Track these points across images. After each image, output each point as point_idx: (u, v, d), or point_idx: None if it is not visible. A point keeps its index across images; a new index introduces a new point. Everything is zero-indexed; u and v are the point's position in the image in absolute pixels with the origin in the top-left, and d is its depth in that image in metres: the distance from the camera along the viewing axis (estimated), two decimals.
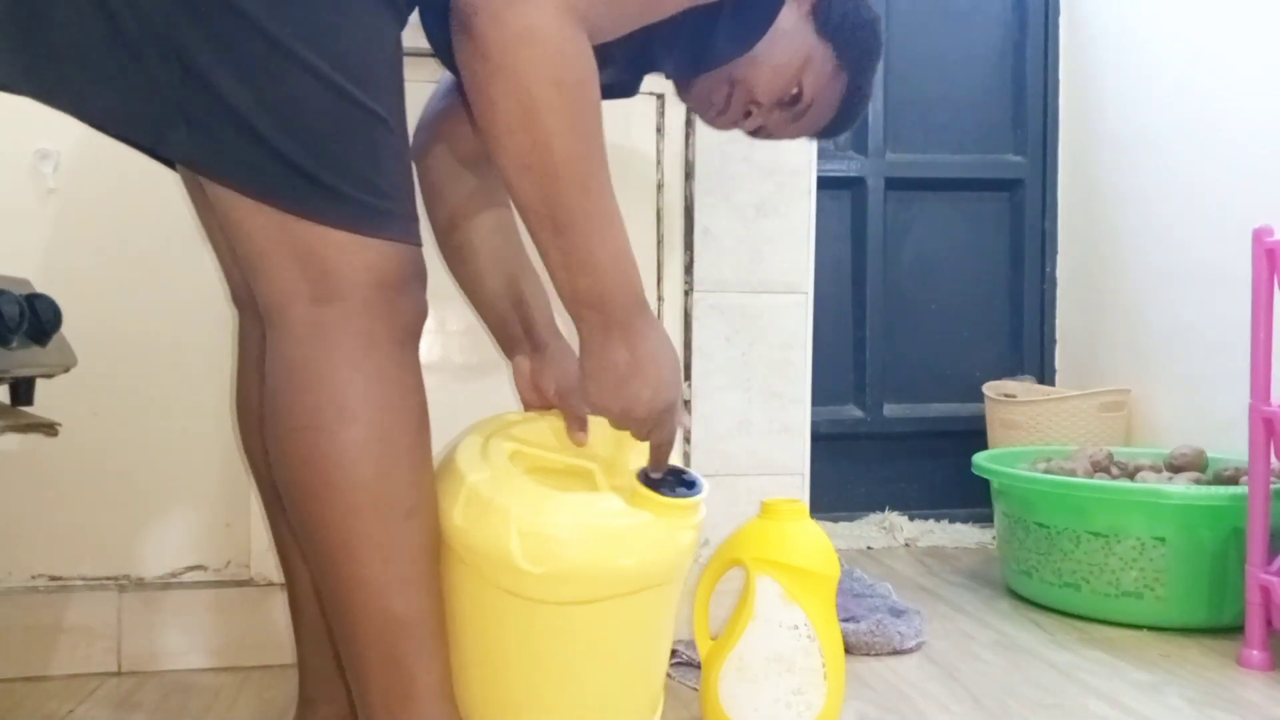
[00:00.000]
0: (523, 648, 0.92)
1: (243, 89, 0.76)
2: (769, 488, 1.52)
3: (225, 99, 0.76)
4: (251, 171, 0.78)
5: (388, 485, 0.81)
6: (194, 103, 0.77)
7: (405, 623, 0.82)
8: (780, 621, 1.09)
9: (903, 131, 2.45)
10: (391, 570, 0.82)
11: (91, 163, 1.36)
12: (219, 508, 1.41)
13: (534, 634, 0.91)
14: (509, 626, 0.91)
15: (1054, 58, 2.49)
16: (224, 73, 0.76)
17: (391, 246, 0.82)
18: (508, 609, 0.90)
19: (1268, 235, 1.42)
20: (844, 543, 2.20)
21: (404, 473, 0.82)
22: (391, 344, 0.83)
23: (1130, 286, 2.24)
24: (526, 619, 0.90)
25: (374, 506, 0.80)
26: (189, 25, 0.75)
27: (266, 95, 0.77)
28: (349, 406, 0.80)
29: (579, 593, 0.89)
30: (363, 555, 0.81)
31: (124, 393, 1.38)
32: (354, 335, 0.81)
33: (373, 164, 0.82)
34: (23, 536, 1.36)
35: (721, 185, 1.50)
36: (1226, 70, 1.95)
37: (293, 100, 0.78)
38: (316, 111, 0.79)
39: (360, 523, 0.80)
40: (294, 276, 0.80)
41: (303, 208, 0.79)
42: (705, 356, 1.51)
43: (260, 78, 0.77)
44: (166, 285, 1.38)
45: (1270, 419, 1.40)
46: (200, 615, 1.37)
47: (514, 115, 0.78)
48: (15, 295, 0.98)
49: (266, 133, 0.77)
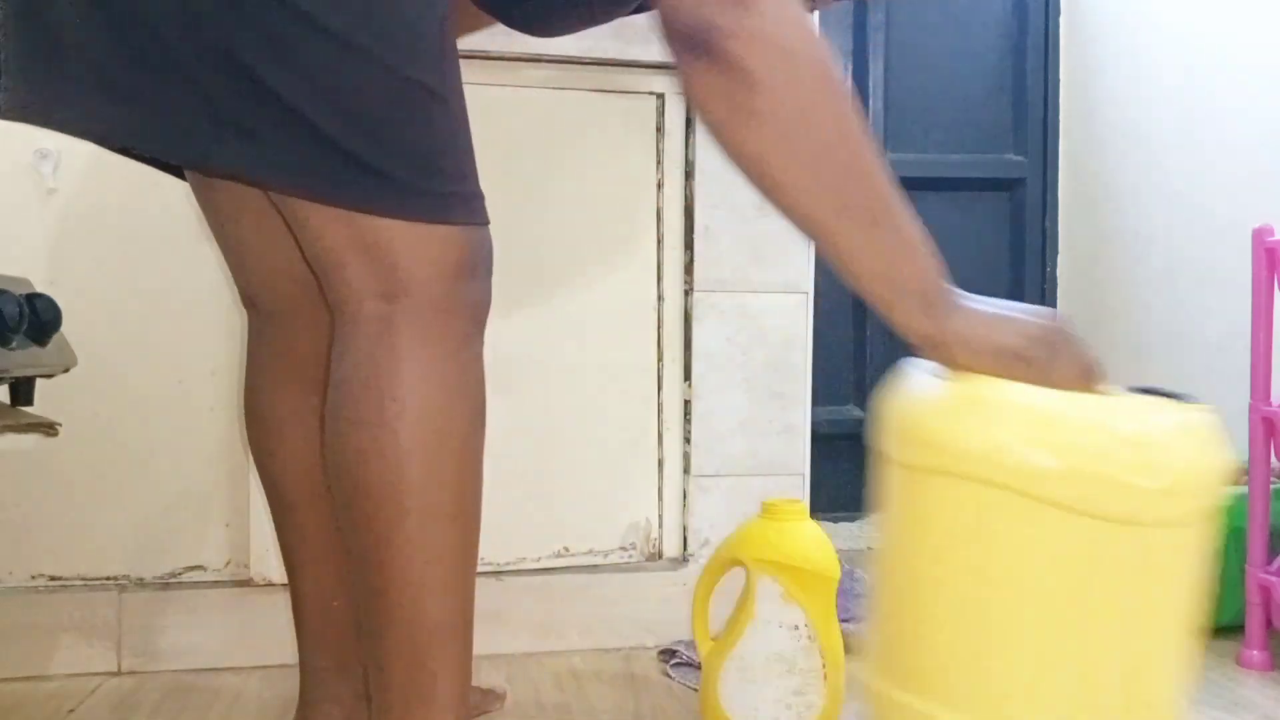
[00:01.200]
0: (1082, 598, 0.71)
1: (300, 85, 0.75)
2: (769, 488, 1.52)
3: (282, 99, 0.75)
4: (314, 173, 0.78)
5: (436, 487, 0.81)
6: (245, 109, 0.76)
7: (436, 626, 0.82)
8: (780, 622, 1.09)
9: (903, 131, 2.45)
10: (430, 572, 0.81)
11: (91, 163, 1.36)
12: (219, 508, 1.41)
13: (1108, 575, 0.71)
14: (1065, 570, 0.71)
15: (1054, 58, 2.49)
16: (279, 72, 0.75)
17: (459, 232, 0.82)
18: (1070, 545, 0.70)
19: (1268, 235, 1.42)
20: (844, 543, 2.20)
21: (453, 476, 0.82)
22: (457, 340, 0.83)
23: (1130, 286, 2.24)
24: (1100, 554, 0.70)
25: (421, 508, 0.80)
26: (241, 29, 0.74)
27: (325, 89, 0.76)
28: (409, 406, 0.80)
29: (1181, 510, 0.71)
30: (404, 555, 0.80)
31: (124, 393, 1.38)
32: (421, 332, 0.81)
33: (435, 146, 0.81)
34: (23, 536, 1.36)
35: (721, 185, 1.50)
36: (1226, 70, 1.95)
37: (353, 90, 0.77)
38: (378, 99, 0.78)
39: (406, 523, 0.80)
40: (365, 273, 0.80)
41: (370, 203, 0.79)
42: (705, 356, 1.51)
43: (318, 71, 0.76)
44: (166, 285, 1.38)
45: (1270, 419, 1.40)
46: (200, 615, 1.37)
47: (806, 129, 0.73)
48: (15, 295, 0.98)
49: (327, 129, 0.76)
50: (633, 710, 1.24)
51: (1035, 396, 0.74)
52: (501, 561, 1.47)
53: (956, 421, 0.74)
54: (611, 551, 1.51)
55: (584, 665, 1.40)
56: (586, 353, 1.49)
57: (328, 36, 0.75)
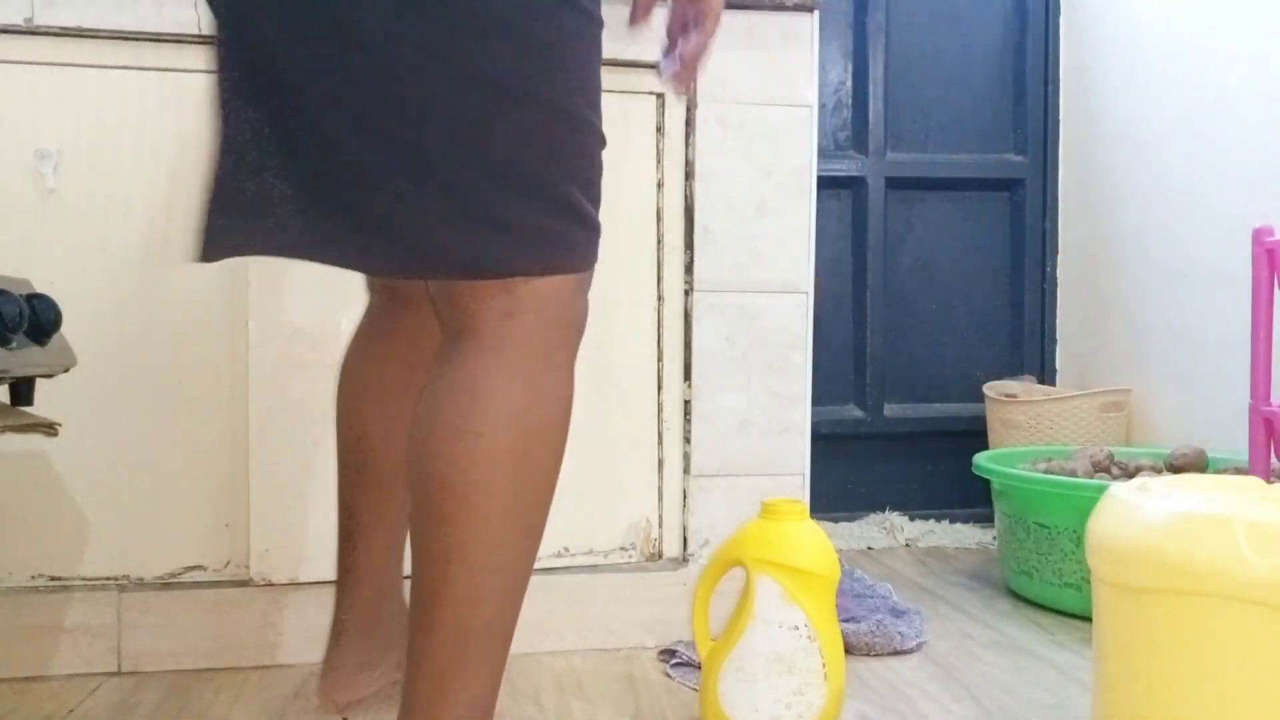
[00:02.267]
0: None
1: (556, 169, 0.83)
2: (769, 488, 1.52)
3: (543, 186, 0.83)
4: (568, 248, 0.85)
5: (519, 501, 0.84)
6: (499, 202, 0.82)
7: (488, 632, 0.86)
8: (780, 622, 1.09)
9: (903, 131, 2.45)
10: (491, 582, 0.84)
11: (91, 163, 1.36)
12: (219, 508, 1.41)
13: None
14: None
15: (1054, 58, 2.49)
16: (541, 161, 0.82)
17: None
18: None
19: (1268, 235, 1.42)
20: (844, 543, 2.20)
21: (535, 493, 0.86)
22: (565, 354, 0.89)
23: (1130, 286, 2.24)
24: None
25: (501, 518, 0.83)
26: (504, 133, 0.81)
27: (573, 168, 0.85)
28: (513, 420, 0.84)
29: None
30: (475, 560, 0.83)
31: (124, 393, 1.38)
32: (535, 349, 0.86)
33: (597, 195, 0.88)
34: (23, 536, 1.36)
35: (721, 185, 1.50)
36: (1226, 70, 1.95)
37: (583, 156, 0.86)
38: (591, 162, 0.87)
39: (484, 530, 0.83)
40: (498, 303, 0.85)
41: (588, 265, 0.88)
42: (705, 356, 1.51)
43: (573, 155, 0.84)
44: (166, 285, 1.38)
45: (1270, 419, 1.40)
46: (200, 615, 1.37)
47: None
48: (15, 295, 0.98)
49: (576, 200, 0.84)
50: (633, 710, 1.24)
51: (1253, 511, 0.81)
52: None
53: (1181, 542, 0.81)
54: (611, 552, 1.51)
55: (584, 665, 1.40)
56: (586, 353, 1.48)
57: (569, 119, 0.84)
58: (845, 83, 2.45)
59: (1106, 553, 0.88)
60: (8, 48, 1.33)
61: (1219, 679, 0.81)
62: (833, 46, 2.43)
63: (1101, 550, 0.88)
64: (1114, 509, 0.89)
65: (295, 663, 1.39)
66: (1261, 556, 0.78)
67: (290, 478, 1.40)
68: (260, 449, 1.39)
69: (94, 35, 1.34)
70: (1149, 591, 0.84)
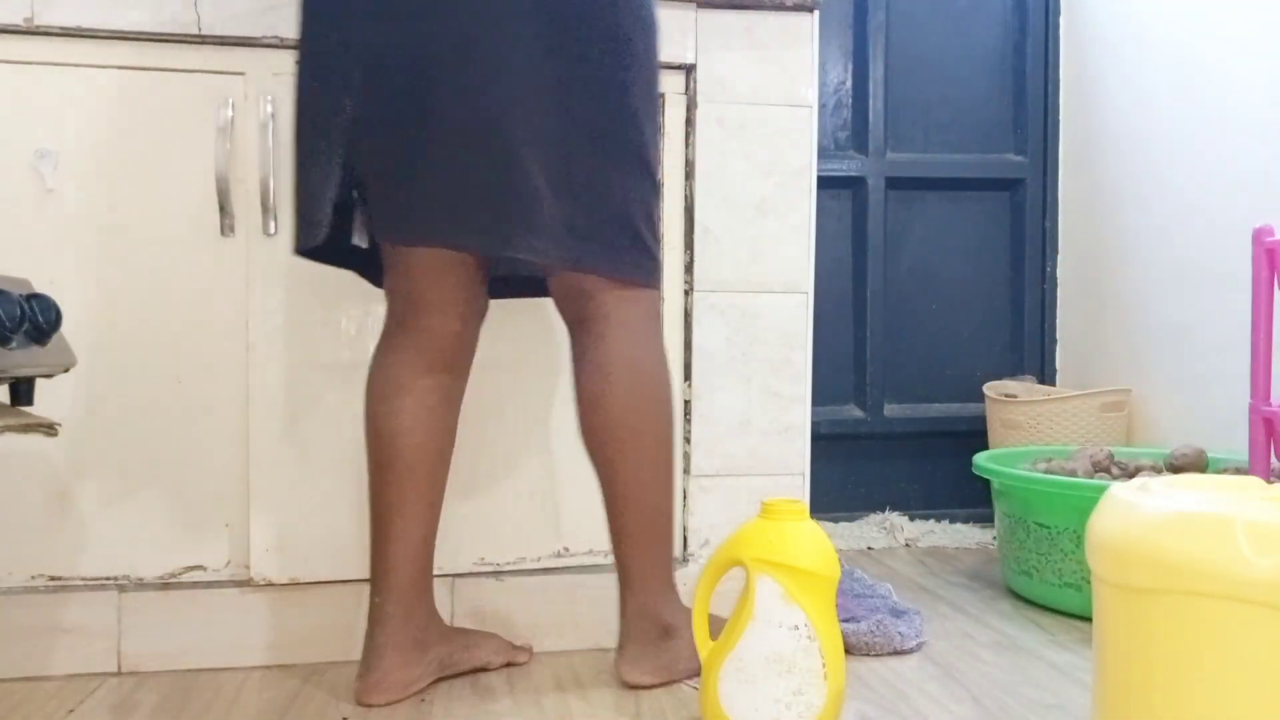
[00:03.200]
0: None
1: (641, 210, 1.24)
2: (769, 488, 1.52)
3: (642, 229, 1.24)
4: (640, 267, 1.24)
5: (667, 426, 1.27)
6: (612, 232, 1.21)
7: (665, 515, 1.28)
8: (780, 622, 1.09)
9: (903, 131, 2.45)
10: (667, 482, 1.28)
11: (91, 163, 1.36)
12: (219, 508, 1.41)
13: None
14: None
15: (1054, 58, 2.49)
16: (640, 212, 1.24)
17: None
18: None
19: (1268, 235, 1.42)
20: (844, 543, 2.20)
21: (670, 419, 1.28)
22: (661, 336, 1.29)
23: (1130, 286, 2.24)
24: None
25: (670, 440, 1.28)
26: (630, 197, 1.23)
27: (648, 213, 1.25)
28: (654, 374, 1.26)
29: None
30: (659, 471, 1.26)
31: (124, 393, 1.38)
32: (652, 330, 1.27)
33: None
34: (23, 536, 1.36)
35: (721, 185, 1.51)
36: (1226, 70, 1.95)
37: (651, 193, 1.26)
38: (658, 205, 1.29)
39: (665, 450, 1.27)
40: (626, 296, 1.25)
41: (656, 284, 1.28)
42: (705, 356, 1.51)
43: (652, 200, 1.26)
44: (166, 285, 1.38)
45: (1270, 419, 1.41)
46: (200, 615, 1.37)
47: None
48: (15, 295, 0.98)
49: (656, 233, 1.27)
50: (633, 710, 1.24)
51: (1253, 510, 0.81)
52: (501, 561, 1.47)
53: (1181, 541, 0.82)
54: (611, 552, 1.51)
55: (584, 665, 1.40)
56: None
57: (652, 179, 1.26)
58: (845, 83, 2.45)
59: (1106, 553, 0.88)
60: (8, 48, 1.33)
61: (1219, 679, 0.81)
62: (833, 46, 2.43)
63: (1101, 550, 0.88)
64: (1114, 509, 0.89)
65: (295, 663, 1.39)
66: (1261, 556, 0.78)
67: (290, 478, 1.40)
68: (260, 449, 1.39)
69: (94, 35, 1.34)
70: (1149, 591, 0.84)
